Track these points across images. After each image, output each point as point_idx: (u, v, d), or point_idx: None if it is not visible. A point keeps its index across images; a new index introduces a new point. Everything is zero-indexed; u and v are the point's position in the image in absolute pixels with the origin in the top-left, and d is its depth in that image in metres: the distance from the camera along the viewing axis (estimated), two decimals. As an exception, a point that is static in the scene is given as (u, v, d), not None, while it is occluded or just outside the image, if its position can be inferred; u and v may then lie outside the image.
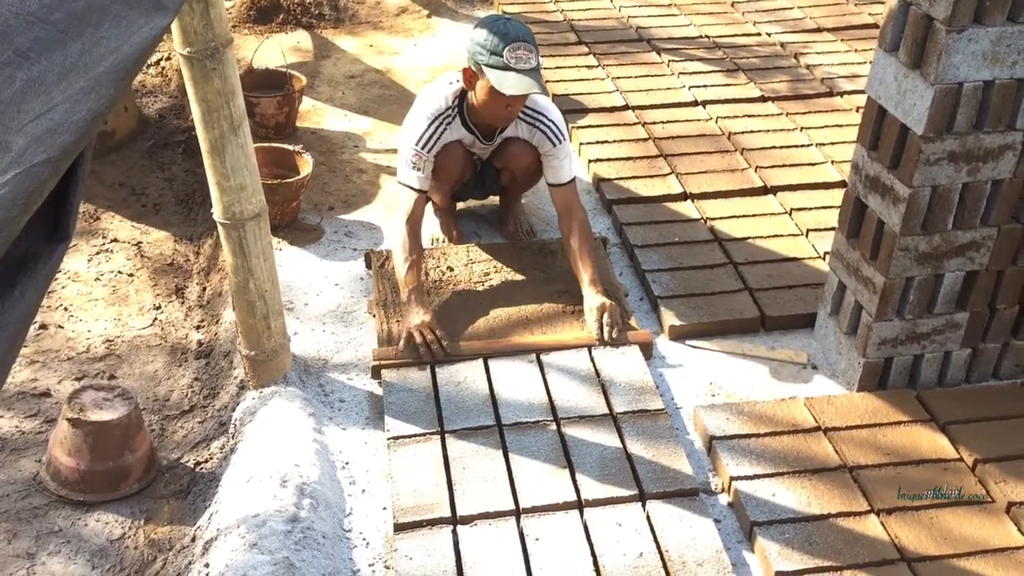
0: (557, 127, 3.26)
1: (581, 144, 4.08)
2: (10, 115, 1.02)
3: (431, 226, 3.60)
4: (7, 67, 1.04)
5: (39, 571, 2.49)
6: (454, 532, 2.43)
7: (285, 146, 3.80)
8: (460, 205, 3.70)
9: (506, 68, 2.96)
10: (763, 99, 4.47)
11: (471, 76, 3.08)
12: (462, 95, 3.20)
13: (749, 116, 4.31)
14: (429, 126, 3.18)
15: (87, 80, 1.09)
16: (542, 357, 2.96)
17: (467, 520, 2.45)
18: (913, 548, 2.38)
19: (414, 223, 3.15)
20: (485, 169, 3.46)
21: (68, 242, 1.13)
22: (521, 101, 3.10)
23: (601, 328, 3.01)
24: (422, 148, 3.17)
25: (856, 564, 2.35)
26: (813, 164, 3.96)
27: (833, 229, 3.04)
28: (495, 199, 3.70)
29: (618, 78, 4.61)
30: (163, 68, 4.94)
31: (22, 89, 1.04)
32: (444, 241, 3.52)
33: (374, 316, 3.16)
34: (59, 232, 1.12)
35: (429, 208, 3.63)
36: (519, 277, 3.31)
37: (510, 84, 2.96)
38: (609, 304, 3.04)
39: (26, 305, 1.08)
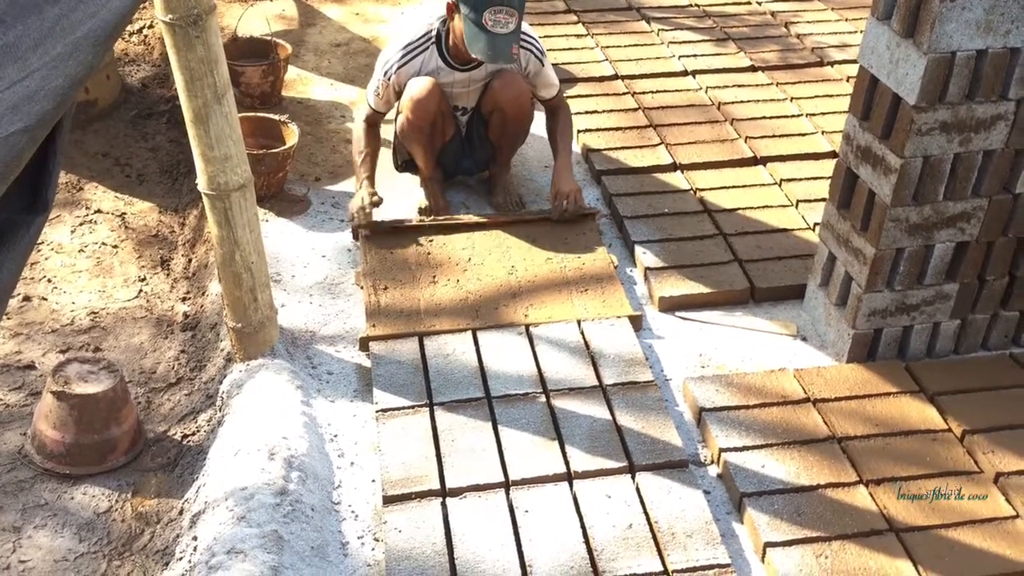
0: (539, 45, 3.38)
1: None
2: (-15, 82, 0.99)
3: (418, 196, 3.57)
4: (-19, 32, 1.01)
5: (25, 544, 2.48)
6: (443, 504, 2.42)
7: (270, 116, 3.75)
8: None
9: (481, 29, 3.03)
10: (753, 69, 4.44)
11: (452, 10, 3.16)
12: (443, 24, 3.26)
13: (739, 86, 4.28)
14: (398, 53, 3.28)
15: (65, 46, 1.05)
16: (531, 330, 2.95)
17: (456, 492, 2.45)
18: (902, 519, 2.39)
19: (371, 123, 3.42)
20: (472, 128, 3.45)
21: (47, 213, 1.10)
22: None
23: (562, 206, 3.33)
24: (386, 77, 3.30)
25: (845, 535, 2.35)
26: (803, 134, 3.94)
27: (823, 200, 3.03)
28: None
29: (607, 47, 4.57)
30: (145, 36, 4.86)
31: (-3, 55, 1.01)
32: (431, 211, 3.49)
33: (362, 288, 3.14)
34: (38, 203, 1.10)
35: (416, 180, 3.61)
36: (510, 247, 3.29)
37: (479, 48, 3.07)
38: (574, 189, 3.36)
39: (5, 277, 1.05)
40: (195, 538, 2.32)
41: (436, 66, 3.28)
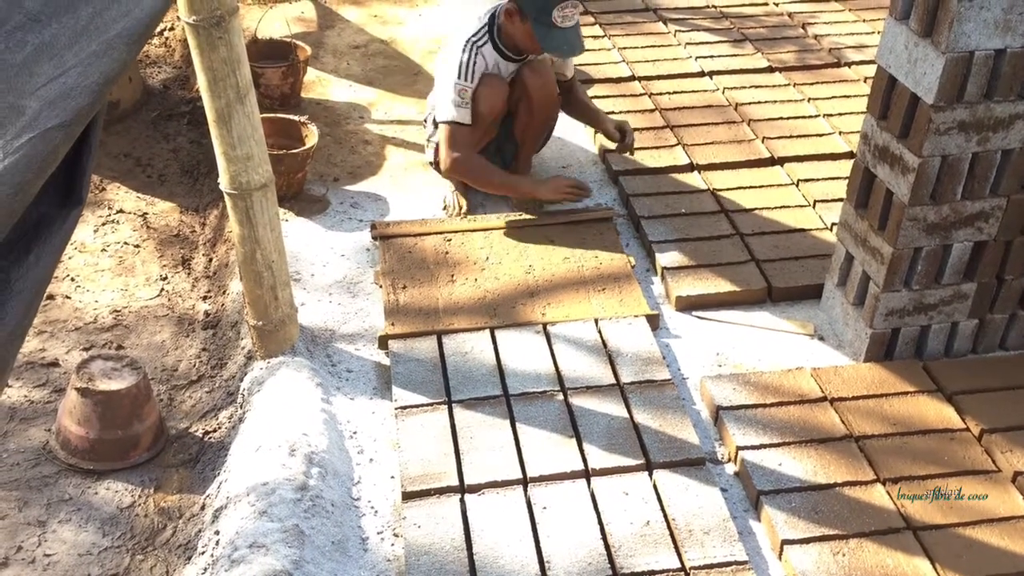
0: None
1: (587, 115, 4.06)
2: (22, 79, 1.02)
3: (438, 195, 3.59)
4: (18, 31, 1.04)
5: (50, 538, 2.52)
6: (462, 501, 2.44)
7: (290, 117, 3.78)
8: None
9: (552, 27, 3.16)
10: (770, 69, 4.44)
11: (513, 16, 3.24)
12: (491, 19, 3.34)
13: (756, 87, 4.29)
14: (464, 52, 3.31)
15: (99, 44, 1.08)
16: (549, 328, 2.96)
17: (475, 489, 2.46)
18: (919, 517, 2.39)
19: (473, 144, 3.40)
20: (501, 124, 3.47)
21: (82, 207, 1.13)
22: None
23: (623, 135, 3.55)
24: (465, 80, 3.31)
25: (862, 533, 2.36)
26: (820, 135, 3.94)
27: (840, 200, 3.04)
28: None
29: (624, 48, 4.58)
30: (167, 38, 4.91)
31: (34, 53, 1.03)
32: (455, 208, 3.52)
33: (380, 286, 3.17)
34: (73, 197, 1.12)
35: (436, 177, 3.63)
36: (527, 246, 3.31)
37: (554, 45, 3.21)
38: (627, 124, 3.63)
39: (42, 270, 1.08)
40: (217, 532, 2.35)
41: (496, 59, 3.36)
